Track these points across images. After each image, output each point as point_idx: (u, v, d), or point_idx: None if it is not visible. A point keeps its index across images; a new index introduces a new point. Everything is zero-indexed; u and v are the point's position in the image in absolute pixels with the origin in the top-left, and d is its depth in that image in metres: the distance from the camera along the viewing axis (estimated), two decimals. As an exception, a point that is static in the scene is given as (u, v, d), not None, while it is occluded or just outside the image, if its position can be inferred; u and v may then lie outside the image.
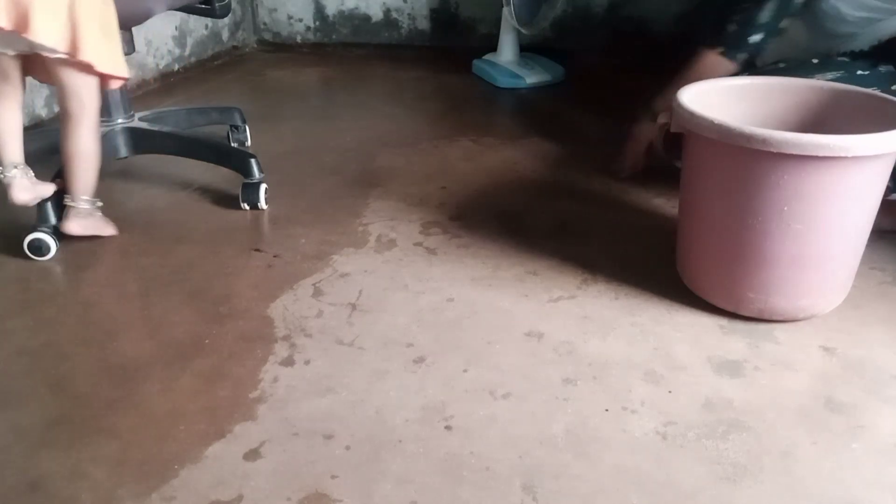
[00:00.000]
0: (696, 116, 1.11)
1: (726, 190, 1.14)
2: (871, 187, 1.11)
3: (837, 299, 1.21)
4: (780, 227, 1.09)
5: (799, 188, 1.06)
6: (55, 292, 1.30)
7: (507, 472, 0.89)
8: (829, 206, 1.08)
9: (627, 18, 2.91)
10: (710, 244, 1.20)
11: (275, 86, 2.62)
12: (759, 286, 1.15)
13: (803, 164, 1.04)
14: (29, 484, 0.88)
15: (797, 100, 1.31)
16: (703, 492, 0.87)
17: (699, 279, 1.24)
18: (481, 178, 1.79)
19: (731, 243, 1.15)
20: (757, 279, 1.15)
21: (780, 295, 1.15)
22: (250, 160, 1.61)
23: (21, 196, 1.35)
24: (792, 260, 1.12)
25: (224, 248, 1.44)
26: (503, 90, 2.57)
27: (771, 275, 1.13)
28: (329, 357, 1.11)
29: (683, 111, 1.14)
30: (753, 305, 1.17)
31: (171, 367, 1.09)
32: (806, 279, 1.14)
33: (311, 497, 0.86)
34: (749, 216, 1.11)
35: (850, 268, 1.20)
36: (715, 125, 1.08)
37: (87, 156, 1.35)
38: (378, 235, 1.49)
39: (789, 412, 1.00)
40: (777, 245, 1.11)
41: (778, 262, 1.12)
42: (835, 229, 1.11)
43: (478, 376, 1.07)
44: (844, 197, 1.08)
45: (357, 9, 3.12)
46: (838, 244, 1.13)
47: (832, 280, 1.17)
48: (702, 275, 1.24)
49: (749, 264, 1.14)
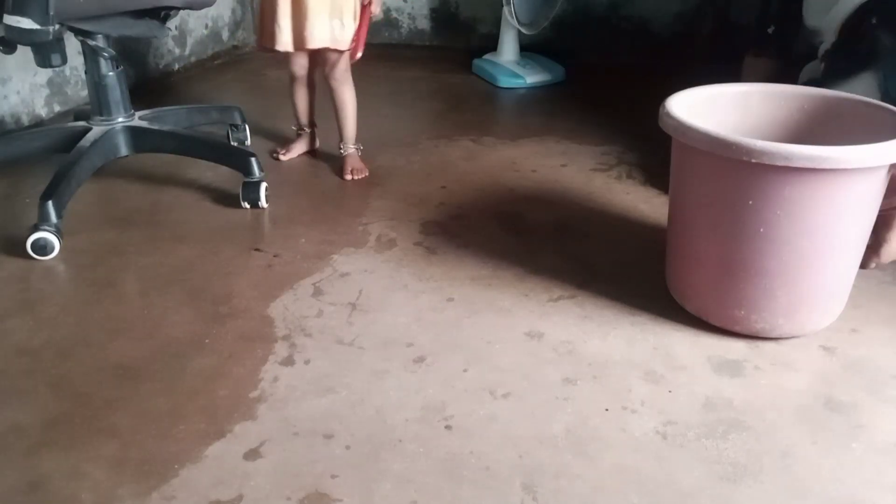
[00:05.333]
0: (683, 125, 1.08)
1: (712, 201, 1.10)
2: (868, 200, 1.06)
3: (831, 316, 1.16)
4: (769, 241, 1.05)
5: (789, 200, 1.02)
6: (55, 292, 1.30)
7: (507, 471, 0.89)
8: (820, 219, 1.04)
9: (627, 18, 2.91)
10: (698, 257, 1.16)
11: (275, 85, 2.61)
12: (748, 303, 1.11)
13: (796, 176, 1.00)
14: (29, 484, 0.88)
15: (787, 108, 1.27)
16: (703, 491, 0.87)
17: (688, 294, 1.21)
18: (481, 178, 1.79)
19: (719, 257, 1.11)
20: (746, 295, 1.11)
21: (769, 311, 1.11)
22: (251, 159, 1.61)
23: (294, 152, 1.89)
24: (782, 275, 1.08)
25: (224, 247, 1.44)
26: (503, 90, 2.57)
27: (760, 291, 1.09)
28: (329, 357, 1.11)
29: (671, 120, 1.11)
30: (744, 323, 1.13)
31: (171, 367, 1.09)
32: (798, 295, 1.10)
33: (311, 497, 0.86)
34: (737, 229, 1.07)
35: (846, 282, 1.15)
36: (701, 134, 1.05)
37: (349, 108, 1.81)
38: (378, 235, 1.49)
39: (789, 412, 1.00)
40: (767, 259, 1.07)
41: (768, 277, 1.08)
42: (827, 244, 1.06)
43: (478, 376, 1.07)
44: (838, 210, 1.04)
45: (357, 8, 3.11)
46: (831, 260, 1.09)
47: (826, 296, 1.13)
48: (689, 289, 1.20)
49: (738, 279, 1.10)
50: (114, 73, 1.65)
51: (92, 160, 1.57)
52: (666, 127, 1.13)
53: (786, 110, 1.27)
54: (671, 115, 1.11)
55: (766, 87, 1.29)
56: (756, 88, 1.29)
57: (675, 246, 1.23)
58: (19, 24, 1.29)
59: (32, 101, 2.08)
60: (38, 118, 2.11)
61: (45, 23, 1.30)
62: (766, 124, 1.28)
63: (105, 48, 1.61)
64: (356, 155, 1.83)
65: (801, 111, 1.26)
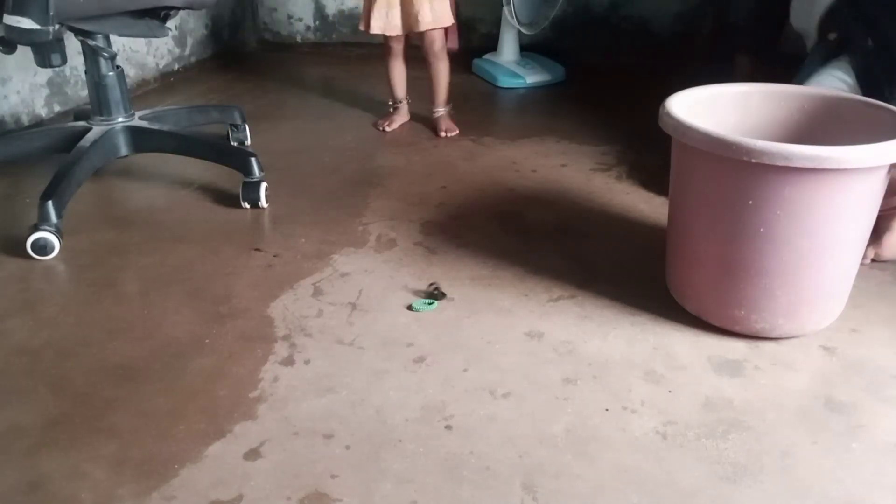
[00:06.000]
0: (682, 125, 1.08)
1: (712, 201, 1.10)
2: (867, 200, 1.06)
3: (831, 316, 1.16)
4: (769, 241, 1.05)
5: (789, 200, 1.01)
6: (55, 292, 1.30)
7: (507, 471, 0.89)
8: (820, 219, 1.03)
9: (627, 18, 2.91)
10: (698, 257, 1.16)
11: (275, 85, 2.61)
12: (748, 303, 1.10)
13: (796, 176, 0.99)
14: (29, 484, 0.88)
15: (787, 108, 1.26)
16: (703, 491, 0.87)
17: (688, 294, 1.20)
18: (481, 178, 1.79)
19: (719, 257, 1.11)
20: (746, 295, 1.10)
21: (769, 311, 1.10)
22: (250, 159, 1.61)
23: (396, 123, 2.11)
24: (782, 275, 1.07)
25: (224, 247, 1.44)
26: (503, 90, 2.57)
27: (760, 291, 1.09)
28: (329, 357, 1.11)
29: (670, 119, 1.11)
30: (744, 323, 1.13)
31: (171, 367, 1.09)
32: (798, 295, 1.09)
33: (311, 497, 0.86)
34: (737, 229, 1.07)
35: (846, 282, 1.15)
36: (700, 134, 1.04)
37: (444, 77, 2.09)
38: (378, 235, 1.49)
39: (789, 412, 1.00)
40: (767, 259, 1.06)
41: (768, 277, 1.08)
42: (827, 244, 1.06)
43: (478, 376, 1.07)
44: (838, 210, 1.03)
45: (357, 8, 3.11)
46: (831, 260, 1.08)
47: (826, 295, 1.12)
48: (689, 289, 1.20)
49: (737, 279, 1.10)
50: (114, 73, 1.65)
51: (92, 160, 1.58)
52: (666, 127, 1.13)
53: (786, 110, 1.27)
54: (671, 115, 1.11)
55: (766, 87, 1.29)
56: (756, 88, 1.29)
57: (675, 246, 1.23)
58: (19, 24, 1.29)
59: (32, 101, 2.08)
60: (38, 118, 2.11)
61: (45, 23, 1.30)
62: (766, 124, 1.27)
63: (105, 48, 1.61)
64: (447, 115, 2.12)
65: (802, 111, 1.26)
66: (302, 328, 1.18)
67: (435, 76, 2.09)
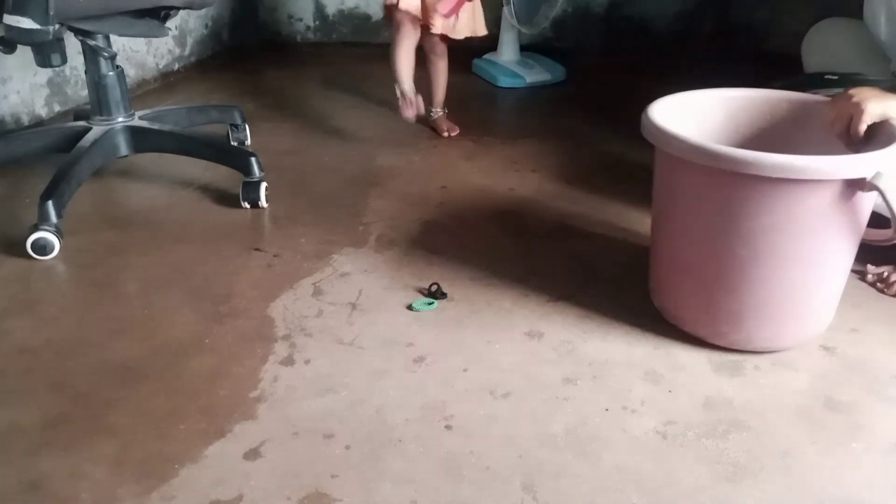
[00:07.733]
0: (662, 132, 1.05)
1: (694, 212, 1.07)
2: (853, 208, 1.00)
3: (821, 325, 1.14)
4: (753, 254, 1.02)
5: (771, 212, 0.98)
6: (55, 292, 1.30)
7: (507, 471, 0.89)
8: (805, 231, 1.00)
9: (627, 18, 2.91)
10: (681, 270, 1.13)
11: (275, 85, 2.61)
12: (731, 317, 1.08)
13: (777, 187, 0.96)
14: (29, 484, 0.88)
15: (770, 114, 1.23)
16: (703, 491, 0.87)
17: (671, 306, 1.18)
18: (481, 177, 1.79)
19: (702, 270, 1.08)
20: (729, 309, 1.07)
21: (753, 325, 1.08)
22: (251, 159, 1.61)
23: (409, 112, 1.93)
24: (765, 289, 1.05)
25: (224, 247, 1.44)
26: (503, 90, 2.57)
27: (745, 305, 1.06)
28: (329, 357, 1.11)
29: (652, 127, 1.07)
30: (728, 337, 1.10)
31: (171, 366, 1.09)
32: (782, 309, 1.07)
33: (311, 497, 0.86)
34: (718, 242, 1.04)
35: (833, 297, 1.12)
36: (678, 140, 1.01)
37: (444, 77, 2.09)
38: (378, 235, 1.49)
39: (789, 412, 1.00)
40: (749, 273, 1.03)
41: (751, 290, 1.05)
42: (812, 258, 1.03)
43: (478, 376, 1.07)
44: (823, 222, 1.00)
45: (357, 8, 3.12)
46: (815, 273, 1.05)
47: (811, 310, 1.10)
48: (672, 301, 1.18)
49: (721, 293, 1.07)
50: (114, 73, 1.65)
51: (92, 160, 1.58)
52: (645, 133, 1.10)
53: (769, 116, 1.23)
54: (650, 121, 1.08)
55: (750, 92, 1.25)
56: (740, 93, 1.25)
57: (660, 258, 1.20)
58: (19, 23, 1.29)
59: (32, 100, 2.08)
60: (38, 118, 2.11)
61: (45, 23, 1.30)
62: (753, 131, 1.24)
63: (105, 48, 1.61)
64: (444, 116, 2.13)
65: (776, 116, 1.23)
66: (302, 328, 1.18)
67: (435, 75, 2.09)
